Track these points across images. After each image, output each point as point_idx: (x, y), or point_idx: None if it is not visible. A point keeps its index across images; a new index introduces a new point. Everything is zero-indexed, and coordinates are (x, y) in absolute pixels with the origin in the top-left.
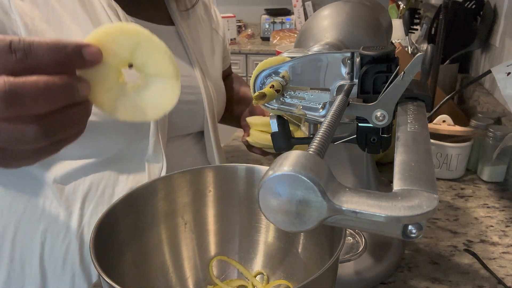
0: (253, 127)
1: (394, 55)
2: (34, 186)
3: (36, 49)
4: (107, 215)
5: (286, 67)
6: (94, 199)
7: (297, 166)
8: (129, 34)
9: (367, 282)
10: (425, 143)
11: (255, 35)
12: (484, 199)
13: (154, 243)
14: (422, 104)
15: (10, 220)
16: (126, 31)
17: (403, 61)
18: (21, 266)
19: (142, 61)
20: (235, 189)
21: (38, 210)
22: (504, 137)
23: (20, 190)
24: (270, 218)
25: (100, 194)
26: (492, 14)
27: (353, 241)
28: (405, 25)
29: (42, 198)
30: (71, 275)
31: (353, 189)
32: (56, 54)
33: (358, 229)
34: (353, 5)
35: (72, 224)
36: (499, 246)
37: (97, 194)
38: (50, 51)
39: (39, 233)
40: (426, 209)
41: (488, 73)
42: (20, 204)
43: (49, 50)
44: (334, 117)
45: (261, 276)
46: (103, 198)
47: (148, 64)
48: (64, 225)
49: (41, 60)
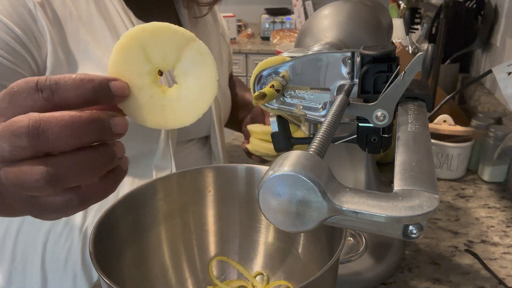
0: (254, 135)
1: (395, 54)
2: None
3: (62, 86)
4: (107, 215)
5: (286, 67)
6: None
7: (297, 166)
8: (177, 34)
9: (367, 282)
10: (426, 143)
11: (255, 35)
12: (485, 199)
13: (154, 244)
14: (422, 104)
15: (12, 220)
16: (175, 30)
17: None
18: (22, 266)
19: (187, 64)
20: (235, 189)
21: None
22: (505, 137)
23: None
24: (270, 219)
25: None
26: (493, 13)
27: (353, 241)
28: (405, 24)
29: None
30: (72, 276)
31: (353, 189)
32: (83, 89)
33: (359, 230)
34: (353, 5)
35: (75, 225)
36: (500, 246)
37: None
38: (77, 88)
39: (42, 233)
40: (427, 209)
41: (489, 72)
42: None
43: (75, 87)
44: (335, 117)
45: (261, 276)
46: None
47: (192, 67)
48: (67, 226)
49: (68, 97)
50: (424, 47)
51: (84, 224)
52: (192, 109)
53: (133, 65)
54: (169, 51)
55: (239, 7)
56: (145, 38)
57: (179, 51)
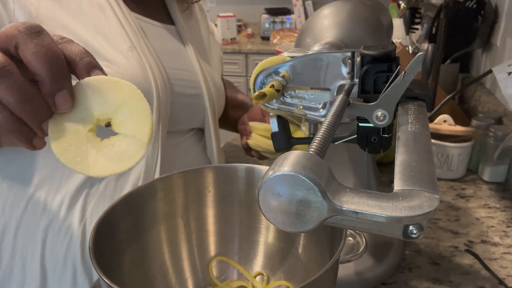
0: (255, 131)
1: (395, 54)
2: (36, 182)
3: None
4: (107, 215)
5: (286, 67)
6: (96, 194)
7: (297, 166)
8: (122, 88)
9: (367, 282)
10: (426, 143)
11: (255, 35)
12: (485, 199)
13: (154, 244)
14: (423, 104)
15: (11, 216)
16: (121, 85)
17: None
18: (22, 263)
19: (122, 119)
20: (235, 189)
21: (40, 206)
22: (505, 137)
23: (21, 187)
24: (270, 219)
25: (103, 189)
26: (493, 13)
27: (353, 241)
28: (405, 24)
29: (44, 194)
30: (72, 272)
31: (353, 189)
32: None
33: (359, 230)
34: (353, 4)
35: (73, 220)
36: (500, 246)
37: (99, 188)
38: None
39: (41, 229)
40: (427, 209)
41: (489, 72)
42: (21, 201)
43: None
44: (335, 117)
45: (261, 276)
46: (105, 193)
47: (128, 123)
48: (66, 221)
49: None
50: (424, 47)
51: (83, 219)
52: (121, 159)
53: (77, 107)
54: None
55: (239, 7)
56: (89, 89)
57: (120, 103)
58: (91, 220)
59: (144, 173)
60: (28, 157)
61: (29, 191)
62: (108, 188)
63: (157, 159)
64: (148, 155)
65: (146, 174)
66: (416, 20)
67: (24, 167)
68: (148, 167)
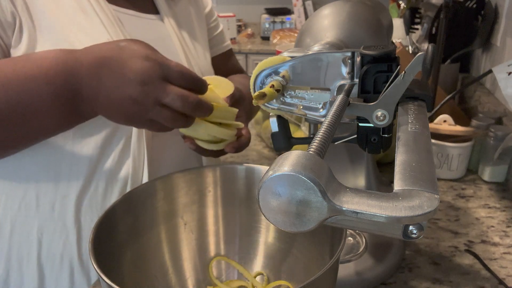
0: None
1: (395, 54)
2: (26, 183)
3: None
4: (106, 215)
5: (286, 67)
6: (89, 192)
7: (297, 166)
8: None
9: (367, 282)
10: (426, 143)
11: (255, 35)
12: (485, 199)
13: (154, 244)
14: (423, 104)
15: (5, 218)
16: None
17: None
18: (18, 264)
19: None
20: (235, 189)
21: (33, 206)
22: (505, 137)
23: (13, 188)
24: (270, 219)
25: (94, 187)
26: (493, 13)
27: (353, 241)
28: (405, 24)
29: (35, 194)
30: (70, 271)
31: (353, 189)
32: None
33: (359, 230)
34: (353, 4)
35: (68, 219)
36: (500, 246)
37: (91, 187)
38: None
39: (35, 230)
40: (427, 209)
41: (489, 72)
42: (14, 202)
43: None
44: (335, 117)
45: (261, 276)
46: (105, 196)
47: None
48: (60, 220)
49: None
50: (424, 47)
51: (77, 217)
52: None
53: None
54: None
55: (239, 7)
56: None
57: None
58: (85, 218)
59: (132, 173)
60: (18, 158)
61: (20, 192)
62: (99, 186)
63: (144, 158)
64: (135, 155)
65: (134, 173)
66: (416, 20)
67: (14, 168)
68: (135, 167)
